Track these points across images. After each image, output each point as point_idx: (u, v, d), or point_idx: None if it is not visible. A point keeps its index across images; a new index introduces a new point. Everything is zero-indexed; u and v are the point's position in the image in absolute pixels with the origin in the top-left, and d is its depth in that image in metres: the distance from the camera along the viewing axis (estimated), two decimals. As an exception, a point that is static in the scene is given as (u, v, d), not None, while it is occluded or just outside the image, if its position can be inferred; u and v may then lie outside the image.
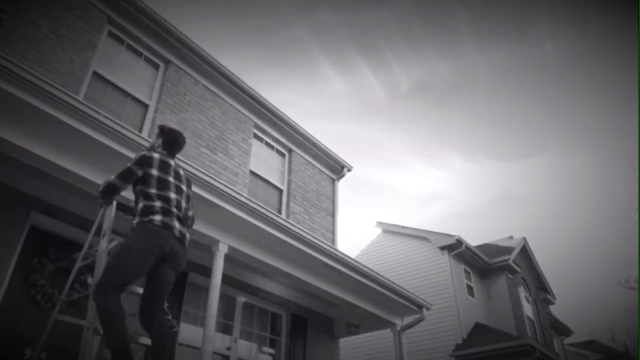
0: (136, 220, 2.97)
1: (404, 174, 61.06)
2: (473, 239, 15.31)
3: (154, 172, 3.09)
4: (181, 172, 3.36)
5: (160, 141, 3.41)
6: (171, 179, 3.16)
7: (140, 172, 3.07)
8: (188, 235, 3.11)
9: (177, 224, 2.99)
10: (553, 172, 54.85)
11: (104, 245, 3.07)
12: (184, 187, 3.26)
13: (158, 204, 2.97)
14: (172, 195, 3.08)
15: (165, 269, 2.94)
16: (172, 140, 3.43)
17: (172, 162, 3.28)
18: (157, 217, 2.91)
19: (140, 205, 3.00)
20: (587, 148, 45.85)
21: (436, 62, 33.09)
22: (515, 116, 42.62)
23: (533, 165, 54.58)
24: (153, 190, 3.02)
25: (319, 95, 42.73)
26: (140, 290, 3.05)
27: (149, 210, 2.94)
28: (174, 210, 3.02)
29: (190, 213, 3.29)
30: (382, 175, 60.49)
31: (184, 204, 3.17)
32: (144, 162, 3.11)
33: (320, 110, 46.62)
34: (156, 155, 3.20)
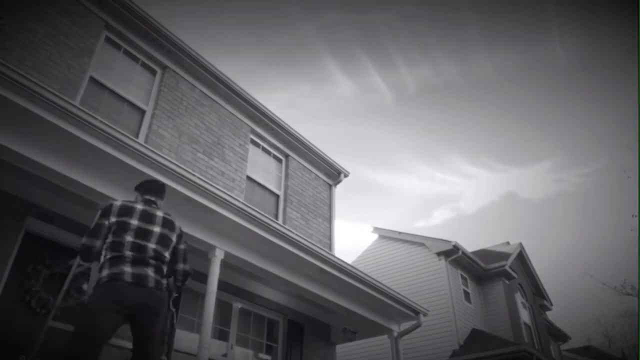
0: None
1: (408, 177, 60.98)
2: (478, 243, 15.39)
3: (112, 219, 2.87)
4: (159, 213, 3.07)
5: (137, 194, 3.23)
6: (133, 221, 2.88)
7: (105, 222, 2.86)
8: (151, 275, 2.77)
9: (129, 269, 2.69)
10: (558, 177, 54.93)
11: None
12: (155, 229, 2.95)
13: (108, 255, 2.75)
14: (128, 239, 2.80)
15: (143, 317, 2.71)
16: (148, 188, 3.24)
17: (138, 206, 3.00)
18: (104, 273, 2.67)
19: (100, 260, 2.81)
20: (591, 153, 45.92)
21: (444, 63, 33.10)
22: (523, 119, 42.68)
23: (539, 169, 54.62)
24: (108, 239, 2.80)
25: (325, 97, 42.58)
26: (129, 345, 2.92)
27: (101, 265, 2.75)
28: (127, 253, 2.74)
29: (166, 253, 2.96)
30: (385, 178, 60.39)
31: (151, 245, 2.87)
32: (105, 212, 2.91)
33: (325, 111, 46.46)
34: (117, 203, 2.97)
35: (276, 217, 8.23)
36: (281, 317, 7.20)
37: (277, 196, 8.49)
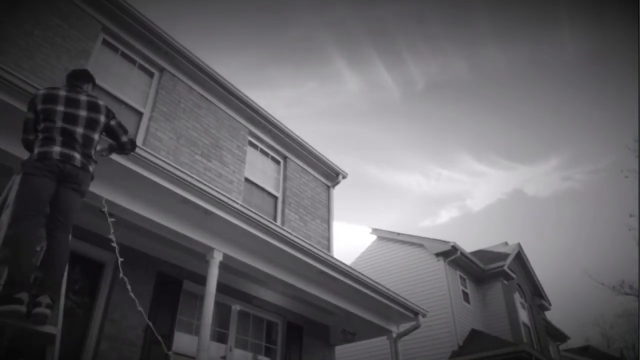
0: None
1: (414, 175, 60.77)
2: (484, 242, 15.31)
3: (39, 106, 3.15)
4: (82, 97, 3.34)
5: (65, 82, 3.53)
6: (59, 107, 3.17)
7: (32, 115, 3.16)
8: (77, 156, 3.09)
9: (57, 149, 3.01)
10: (565, 174, 54.83)
11: (4, 219, 2.97)
12: (81, 113, 3.24)
13: (40, 136, 3.06)
14: (58, 124, 3.10)
15: (65, 189, 3.02)
16: (75, 76, 3.52)
17: (62, 93, 3.27)
18: (36, 151, 3.00)
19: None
20: (597, 151, 45.83)
21: (453, 59, 32.93)
22: (530, 116, 42.50)
23: (547, 166, 54.46)
24: (40, 124, 3.11)
25: (332, 94, 42.26)
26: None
27: (33, 145, 3.08)
28: (57, 137, 3.05)
29: (94, 135, 3.27)
30: (391, 176, 60.13)
31: (79, 130, 3.16)
32: (30, 104, 3.21)
33: (332, 109, 46.13)
34: (40, 92, 3.24)
35: (274, 218, 8.23)
36: (280, 319, 7.20)
37: (276, 198, 8.49)
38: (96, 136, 3.30)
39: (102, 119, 3.37)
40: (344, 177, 9.96)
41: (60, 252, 2.91)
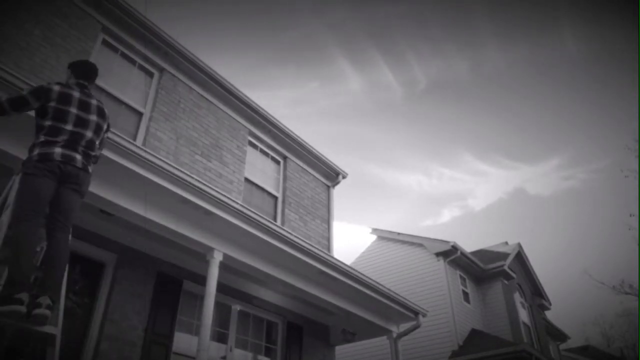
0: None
1: (416, 175, 60.59)
2: (485, 241, 15.25)
3: (52, 104, 3.11)
4: (93, 102, 3.36)
5: (69, 72, 3.47)
6: (72, 110, 3.16)
7: (35, 104, 3.11)
8: (78, 157, 3.10)
9: (59, 150, 3.01)
10: (566, 174, 54.72)
11: (5, 219, 2.98)
12: (92, 117, 3.26)
13: (42, 138, 3.03)
14: (68, 127, 3.10)
15: (65, 189, 3.03)
16: (82, 72, 3.48)
17: (75, 94, 3.26)
18: (35, 151, 2.99)
19: (34, 139, 3.10)
20: (598, 150, 45.69)
21: (454, 60, 32.81)
22: (532, 115, 42.38)
23: (548, 166, 54.29)
24: (47, 122, 3.08)
25: (334, 94, 41.96)
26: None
27: (34, 145, 3.05)
28: (61, 138, 3.05)
29: (97, 140, 3.32)
30: (393, 176, 59.93)
31: (88, 134, 3.20)
32: (41, 94, 3.13)
33: (333, 108, 45.93)
34: (56, 88, 3.20)
35: (274, 218, 8.23)
36: (280, 319, 7.19)
37: (276, 198, 8.49)
38: (98, 141, 3.35)
39: (105, 126, 3.43)
40: (344, 177, 9.96)
41: (60, 252, 2.92)
